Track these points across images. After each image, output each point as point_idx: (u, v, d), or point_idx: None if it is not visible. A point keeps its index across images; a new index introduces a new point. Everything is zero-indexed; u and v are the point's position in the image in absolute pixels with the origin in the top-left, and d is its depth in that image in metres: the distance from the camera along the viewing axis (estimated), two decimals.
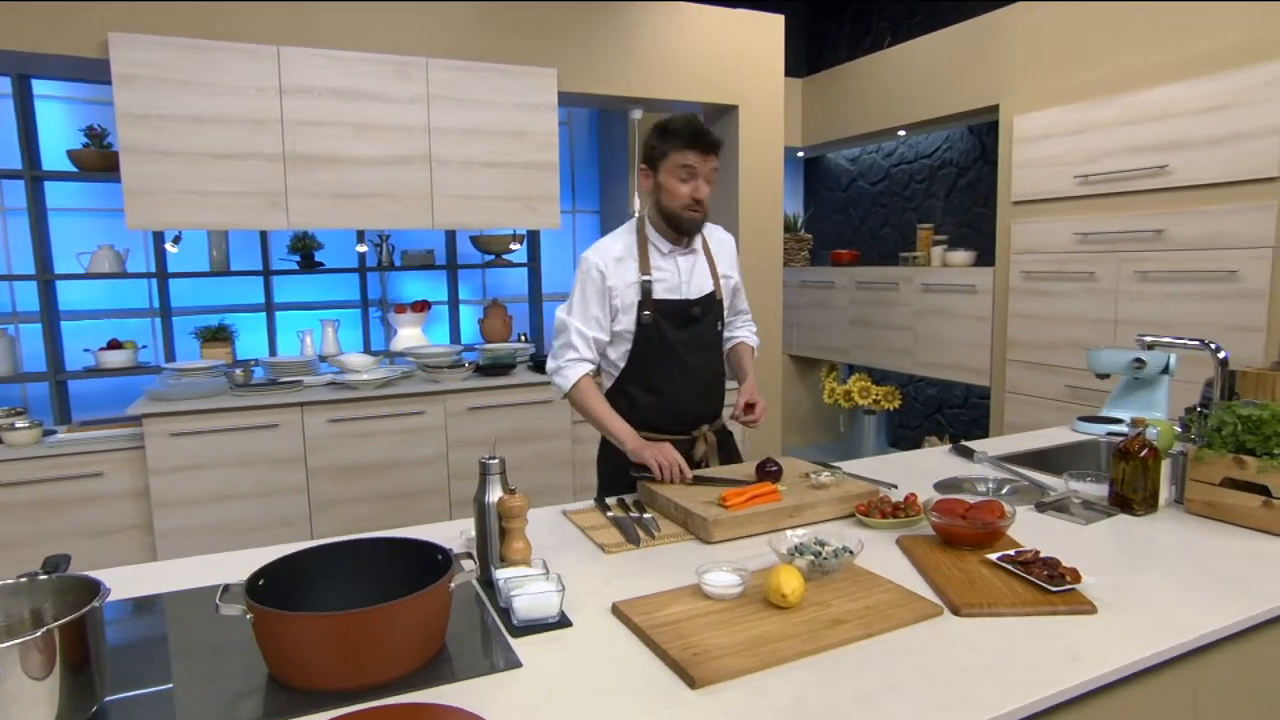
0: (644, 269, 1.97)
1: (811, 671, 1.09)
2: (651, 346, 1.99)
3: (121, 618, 1.32)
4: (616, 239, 2.02)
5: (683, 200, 1.90)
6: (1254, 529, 1.60)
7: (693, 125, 1.88)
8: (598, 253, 1.98)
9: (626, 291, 1.96)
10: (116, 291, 4.03)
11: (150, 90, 3.06)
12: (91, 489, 3.05)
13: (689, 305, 2.00)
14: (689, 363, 2.02)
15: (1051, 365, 3.67)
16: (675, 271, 2.00)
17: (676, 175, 1.89)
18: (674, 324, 1.99)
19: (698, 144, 1.86)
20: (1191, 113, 3.05)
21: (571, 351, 1.96)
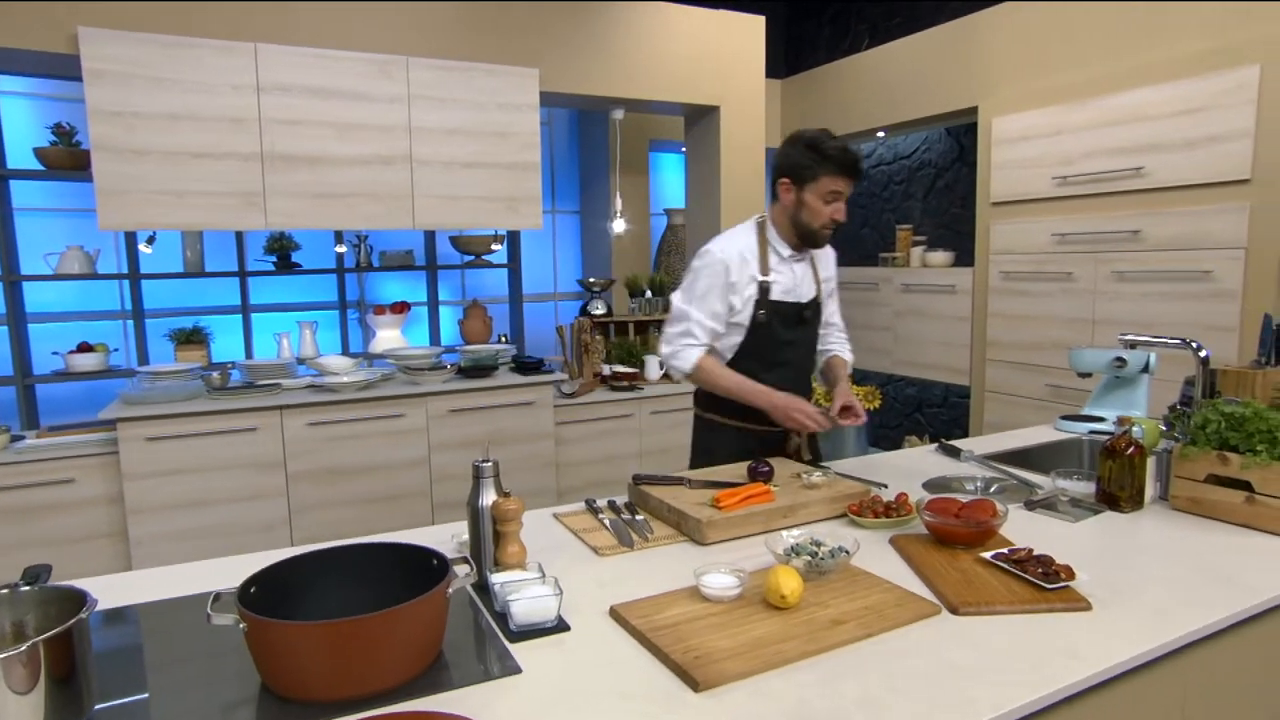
0: (764, 270, 2.04)
1: (813, 672, 1.08)
2: (761, 343, 2.07)
3: (102, 628, 1.28)
4: (740, 237, 2.08)
5: (823, 221, 1.99)
6: (1237, 524, 1.63)
7: (849, 155, 1.94)
8: (723, 249, 2.03)
9: (745, 289, 2.03)
10: (87, 293, 3.94)
11: (122, 87, 2.99)
12: (62, 496, 2.97)
13: (801, 308, 2.09)
14: (791, 360, 2.12)
15: (1031, 364, 3.72)
16: (791, 275, 2.08)
17: (824, 198, 1.96)
18: (785, 324, 2.08)
19: (849, 172, 1.94)
20: (1165, 116, 3.10)
21: (689, 339, 2.05)
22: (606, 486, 3.83)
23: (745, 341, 2.07)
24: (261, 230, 3.61)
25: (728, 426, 2.13)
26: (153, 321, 3.99)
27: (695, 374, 2.06)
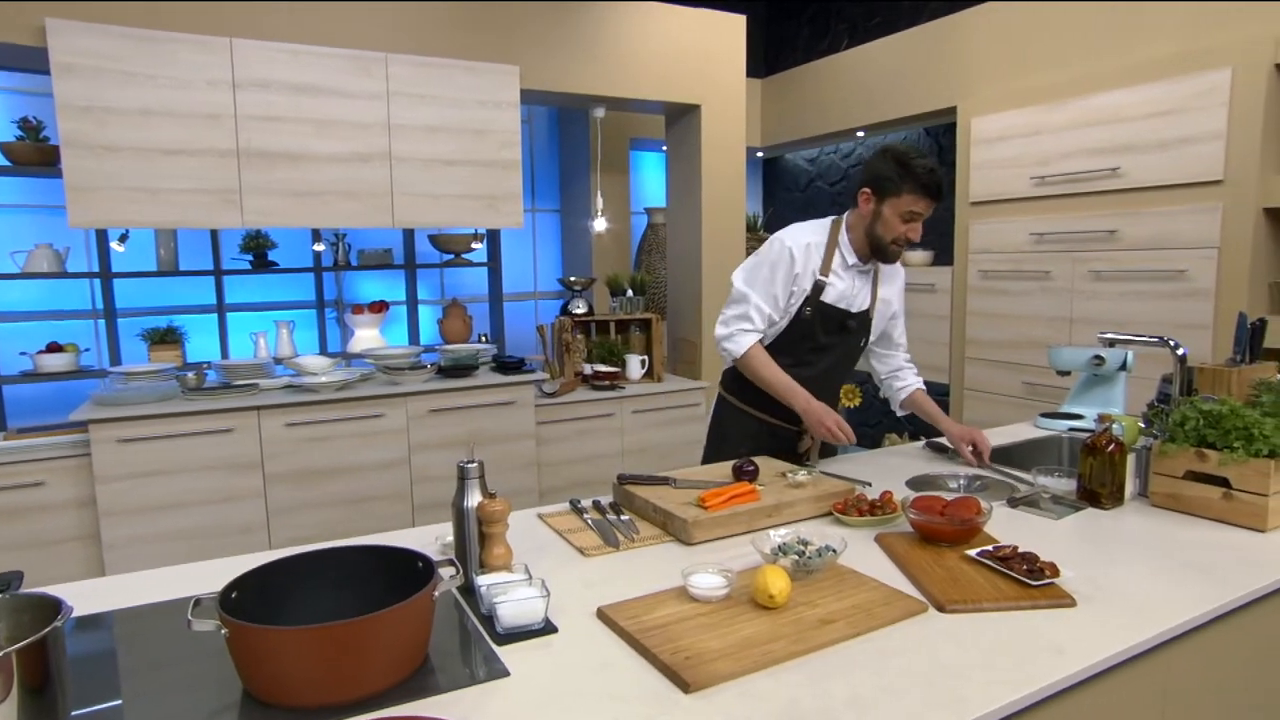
0: (824, 270, 2.04)
1: (803, 672, 1.08)
2: (800, 339, 2.09)
3: (78, 635, 1.25)
4: (812, 231, 2.08)
5: (896, 236, 1.99)
6: (1214, 520, 1.65)
7: (934, 177, 1.93)
8: (795, 239, 2.05)
9: (804, 282, 2.03)
10: (56, 292, 3.85)
11: (93, 81, 2.93)
12: (32, 499, 2.91)
13: (847, 316, 2.08)
14: (826, 365, 2.12)
15: (1009, 363, 3.76)
16: (850, 284, 2.08)
17: (902, 215, 1.96)
18: (827, 328, 2.08)
19: (931, 195, 1.94)
20: (1140, 117, 3.15)
21: (746, 323, 2.06)
22: (588, 486, 3.81)
23: (783, 334, 2.09)
24: (238, 229, 3.56)
25: (747, 414, 2.15)
26: (125, 321, 3.91)
27: (745, 359, 2.06)
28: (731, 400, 2.22)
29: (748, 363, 2.06)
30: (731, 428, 2.19)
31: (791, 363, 2.08)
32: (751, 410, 2.15)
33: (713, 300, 4.32)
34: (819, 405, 1.97)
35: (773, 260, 2.04)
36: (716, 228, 4.31)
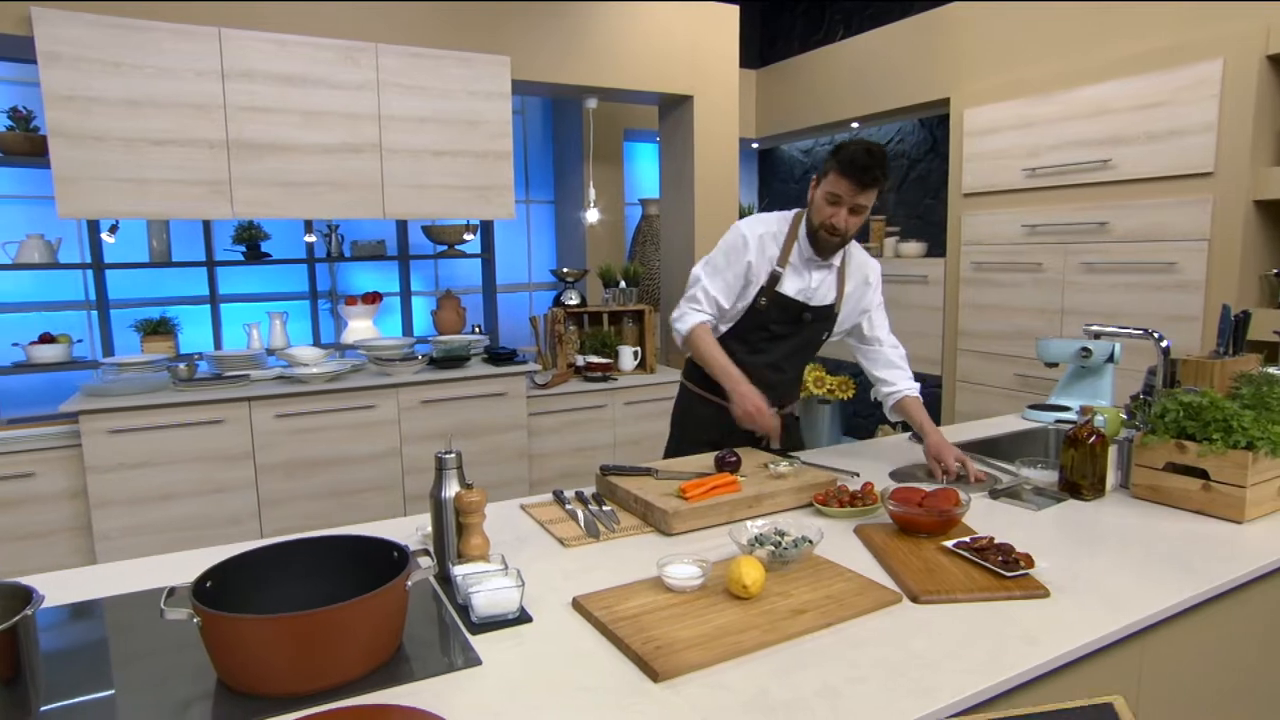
0: (782, 261, 2.03)
1: (773, 662, 1.09)
2: (754, 328, 2.07)
3: (58, 624, 1.25)
4: (773, 221, 2.07)
5: (822, 221, 1.94)
6: (1194, 511, 1.66)
7: (856, 156, 1.86)
8: (752, 228, 2.05)
9: (759, 272, 2.02)
10: (48, 283, 3.85)
11: (79, 71, 2.92)
12: (22, 490, 2.91)
13: (804, 309, 2.06)
14: (779, 353, 2.11)
15: (1001, 354, 3.76)
16: (807, 277, 2.05)
17: (826, 197, 1.92)
18: (783, 318, 2.06)
19: (850, 174, 1.87)
20: (1131, 109, 3.14)
21: (694, 304, 2.08)
22: (579, 478, 3.82)
23: (740, 321, 2.09)
24: (229, 220, 3.55)
25: (709, 401, 2.14)
26: (118, 312, 3.91)
27: (688, 337, 2.07)
28: (693, 388, 2.21)
29: (690, 340, 2.07)
30: (694, 415, 2.20)
31: (745, 349, 2.08)
32: (713, 397, 2.12)
33: None
34: (747, 389, 1.94)
35: (727, 247, 2.05)
36: (709, 218, 4.30)
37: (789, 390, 2.21)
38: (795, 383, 2.24)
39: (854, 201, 1.89)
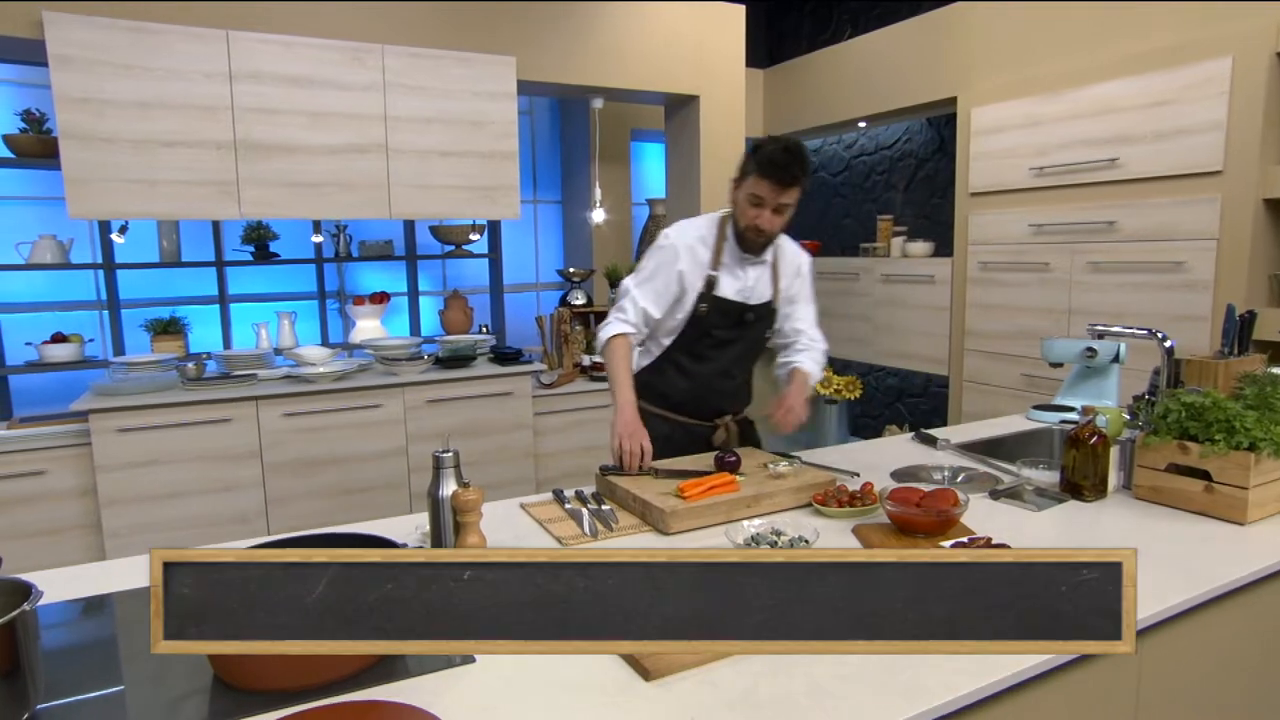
0: (714, 264, 2.01)
1: (764, 662, 1.09)
2: (699, 336, 2.05)
3: (62, 620, 1.27)
4: (700, 225, 2.06)
5: (748, 223, 1.93)
6: (1196, 513, 1.65)
7: (773, 155, 1.84)
8: (678, 234, 2.03)
9: (693, 279, 2.00)
10: (60, 283, 3.89)
11: (90, 73, 2.95)
12: (34, 488, 2.95)
13: (744, 310, 2.04)
14: (728, 359, 2.08)
15: (1008, 354, 3.74)
16: (742, 277, 2.04)
17: (749, 199, 1.91)
18: (725, 322, 2.04)
19: (769, 175, 1.85)
20: (1137, 108, 3.12)
21: (621, 314, 2.04)
22: (585, 477, 3.80)
23: (682, 333, 2.05)
24: (237, 220, 3.59)
25: (656, 415, 2.08)
26: (129, 312, 3.95)
27: (605, 346, 2.02)
28: (641, 404, 2.06)
29: (606, 350, 2.02)
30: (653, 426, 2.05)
31: (692, 360, 2.06)
32: (660, 411, 2.09)
33: None
34: (627, 420, 1.88)
35: (658, 257, 2.01)
36: None
37: (742, 396, 2.19)
38: (746, 386, 2.21)
39: (776, 201, 1.88)
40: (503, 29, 3.71)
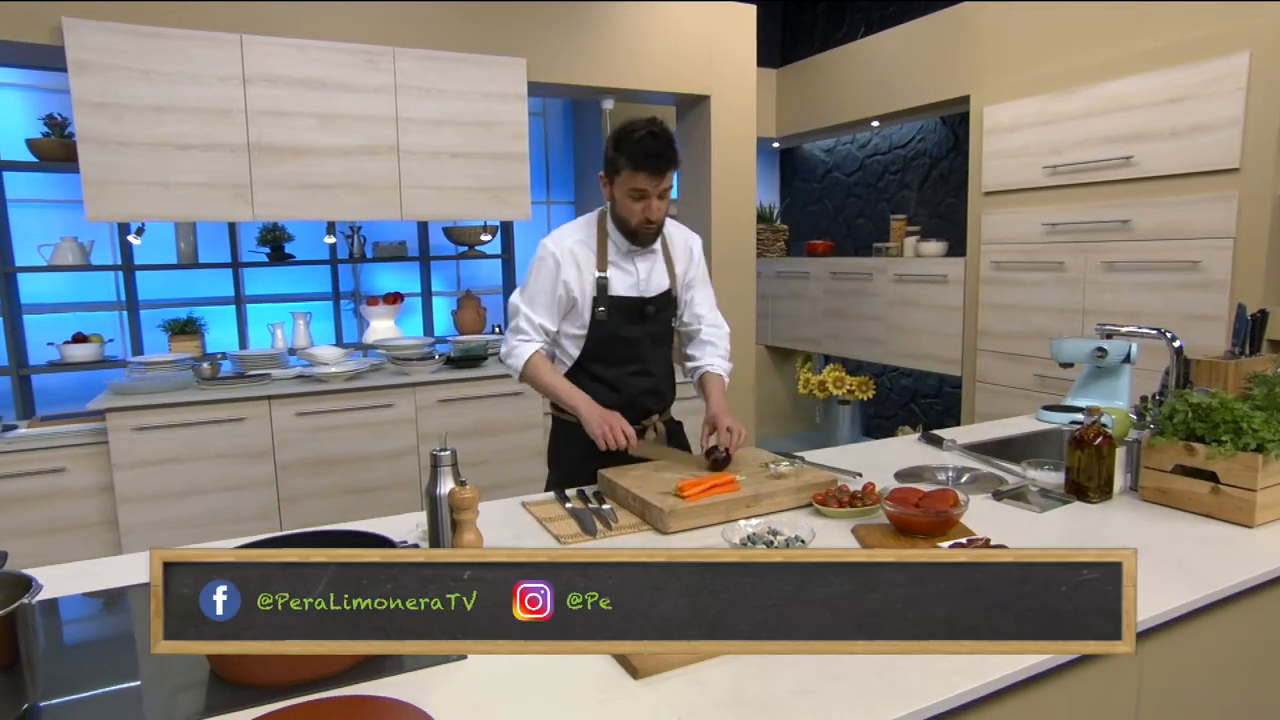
0: (601, 265, 1.96)
1: (754, 662, 1.09)
2: (605, 340, 1.99)
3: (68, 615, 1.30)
4: (577, 229, 2.01)
5: (636, 219, 1.89)
6: (1203, 515, 1.62)
7: (644, 145, 1.79)
8: (556, 242, 1.96)
9: (583, 284, 1.95)
10: (82, 284, 3.96)
11: (107, 78, 3.00)
12: (53, 485, 3.00)
13: (643, 304, 2.00)
14: (641, 357, 2.04)
15: (1021, 355, 3.70)
16: (633, 270, 2.00)
17: (629, 194, 1.85)
18: (627, 320, 1.99)
19: (647, 166, 1.80)
20: (1152, 105, 3.07)
21: (521, 335, 1.98)
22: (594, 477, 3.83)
23: (588, 338, 1.99)
24: (251, 222, 3.63)
25: (578, 426, 1.98)
26: (148, 312, 4.02)
27: (526, 372, 1.97)
28: (564, 417, 2.07)
29: (528, 374, 1.97)
30: (568, 442, 2.05)
31: (604, 365, 2.01)
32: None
33: (721, 291, 4.26)
34: (599, 412, 1.88)
35: (539, 268, 1.95)
36: (727, 218, 4.30)
37: (664, 391, 2.13)
38: (668, 381, 2.14)
39: (658, 189, 1.84)
40: (513, 30, 3.72)
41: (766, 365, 5.79)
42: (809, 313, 5.20)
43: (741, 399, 4.43)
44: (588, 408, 1.90)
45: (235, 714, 0.98)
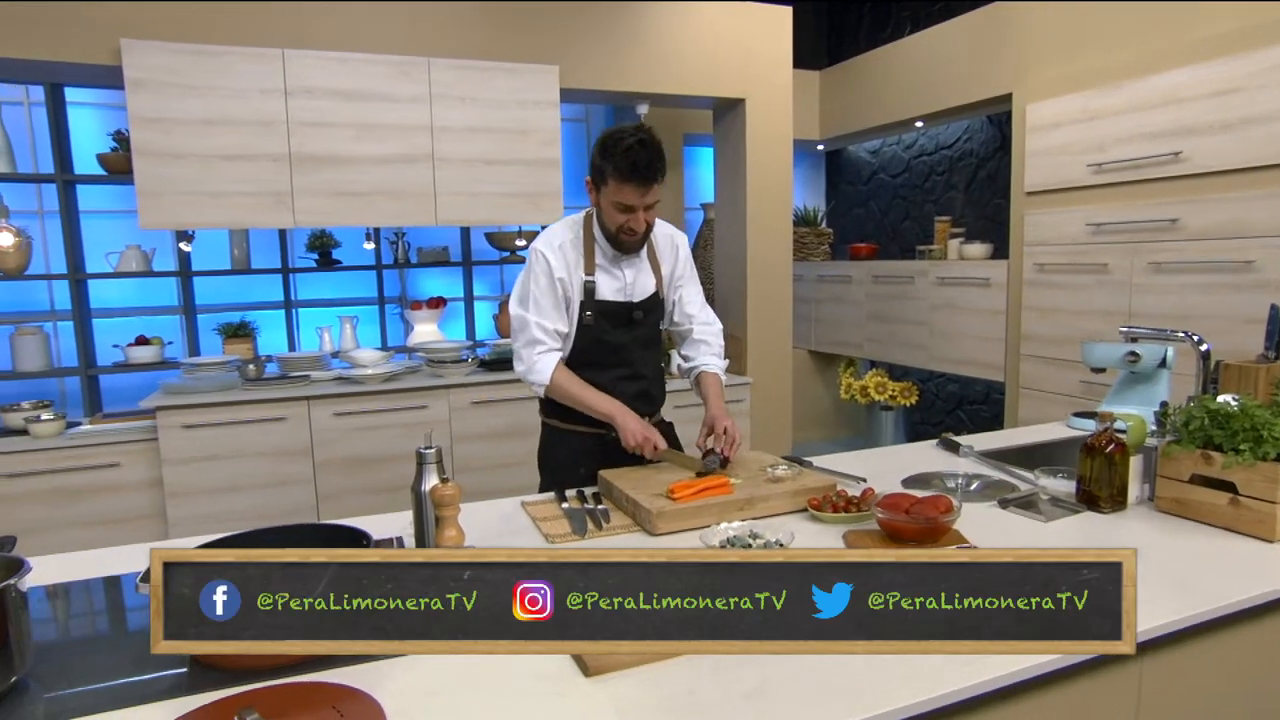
0: (588, 269, 1.94)
1: (710, 664, 1.08)
2: (593, 345, 1.98)
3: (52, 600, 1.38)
4: (565, 230, 1.97)
5: (620, 227, 1.87)
6: (1222, 528, 1.54)
7: (632, 154, 1.75)
8: (547, 243, 1.94)
9: (572, 285, 1.94)
10: (147, 289, 4.18)
11: (160, 94, 3.17)
12: (109, 479, 3.18)
13: (631, 308, 1.98)
14: (630, 360, 2.02)
15: (1065, 360, 3.57)
16: (620, 275, 1.98)
17: (616, 207, 1.83)
18: (614, 324, 1.97)
19: (634, 178, 1.77)
20: (1202, 97, 2.93)
21: (539, 346, 1.93)
22: None
23: (575, 346, 1.97)
24: (290, 228, 3.77)
25: (574, 434, 2.01)
26: (205, 316, 4.22)
27: (553, 387, 1.93)
28: (555, 424, 2.06)
29: (557, 388, 1.92)
30: (561, 451, 2.04)
31: (594, 370, 1.97)
32: (578, 428, 2.00)
33: (757, 295, 4.28)
34: (635, 421, 1.85)
35: (534, 272, 1.92)
36: (762, 222, 4.27)
37: (655, 393, 2.11)
38: (658, 384, 2.12)
39: (645, 202, 1.81)
40: (546, 38, 3.78)
41: (809, 370, 5.71)
42: (851, 317, 5.12)
43: (778, 407, 4.39)
44: (624, 416, 1.86)
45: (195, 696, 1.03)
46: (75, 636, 1.22)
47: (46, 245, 3.97)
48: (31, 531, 3.08)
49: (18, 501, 3.06)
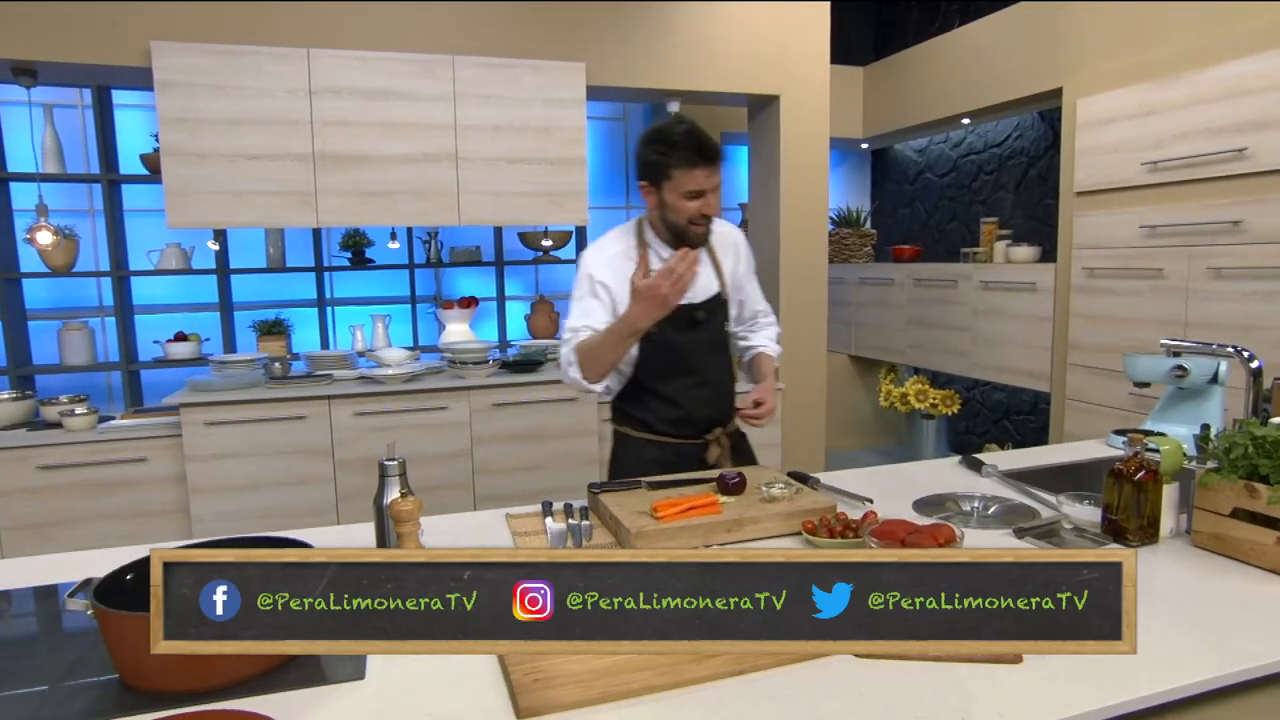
0: (645, 275, 1.88)
1: (657, 708, 0.99)
2: (657, 353, 1.94)
3: None
4: (617, 240, 1.97)
5: (691, 217, 1.84)
6: (1266, 569, 1.38)
7: (696, 136, 1.76)
8: (595, 256, 1.94)
9: (626, 296, 1.87)
10: (187, 287, 4.27)
11: (188, 95, 3.21)
12: (137, 473, 3.23)
13: (692, 310, 1.94)
14: (696, 366, 1.97)
15: (1114, 370, 3.34)
16: None
17: (684, 195, 1.81)
18: (677, 329, 1.92)
19: (702, 160, 1.76)
20: (1269, 89, 2.69)
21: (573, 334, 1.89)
22: None
23: (640, 356, 1.93)
24: (314, 228, 3.79)
25: (644, 441, 2.00)
26: (241, 313, 4.28)
27: (585, 370, 1.84)
28: (626, 431, 2.05)
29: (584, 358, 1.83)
30: (632, 458, 2.02)
31: (661, 380, 1.94)
32: (648, 436, 1.99)
33: (790, 295, 4.14)
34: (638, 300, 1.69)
35: (586, 284, 1.89)
36: (796, 221, 4.13)
37: (725, 402, 2.05)
38: (726, 390, 2.05)
39: (713, 184, 1.80)
40: (573, 35, 3.72)
41: (850, 376, 5.53)
42: (893, 321, 4.93)
43: (811, 414, 4.24)
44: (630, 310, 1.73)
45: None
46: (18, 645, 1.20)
47: (96, 243, 4.08)
48: (66, 523, 3.17)
49: (55, 493, 3.14)
